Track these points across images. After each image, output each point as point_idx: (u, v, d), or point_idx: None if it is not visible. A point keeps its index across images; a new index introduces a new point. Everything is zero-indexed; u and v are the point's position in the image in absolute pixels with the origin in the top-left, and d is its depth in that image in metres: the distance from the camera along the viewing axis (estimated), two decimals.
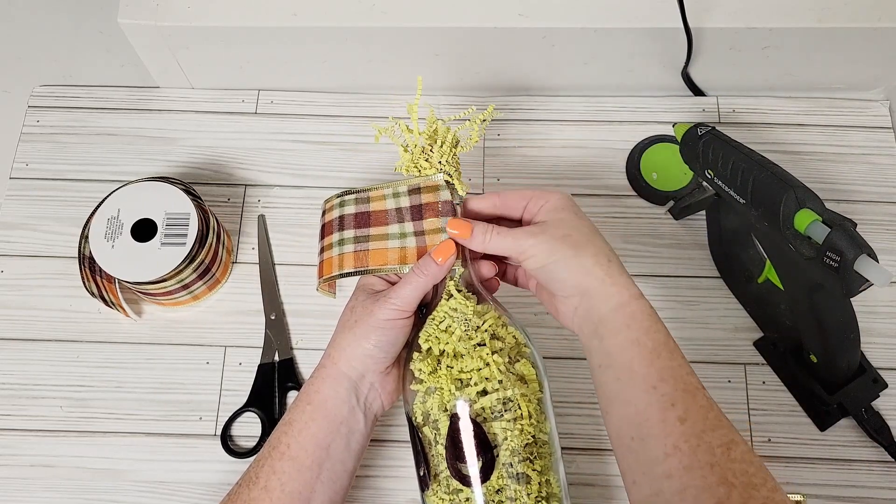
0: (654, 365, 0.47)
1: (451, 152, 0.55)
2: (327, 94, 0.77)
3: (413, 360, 0.51)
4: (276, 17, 0.68)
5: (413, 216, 0.54)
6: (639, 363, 0.47)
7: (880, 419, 0.63)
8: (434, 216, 0.53)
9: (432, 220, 0.53)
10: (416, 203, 0.54)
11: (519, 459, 0.49)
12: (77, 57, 0.75)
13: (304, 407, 0.53)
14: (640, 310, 0.49)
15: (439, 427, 0.50)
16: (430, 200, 0.54)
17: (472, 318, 0.51)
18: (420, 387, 0.51)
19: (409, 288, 0.51)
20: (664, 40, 0.70)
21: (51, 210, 0.72)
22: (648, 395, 0.46)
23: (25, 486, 0.62)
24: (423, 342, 0.51)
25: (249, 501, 0.50)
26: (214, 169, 0.74)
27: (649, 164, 0.72)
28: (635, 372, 0.47)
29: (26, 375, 0.66)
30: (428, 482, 0.51)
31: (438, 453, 0.50)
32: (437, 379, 0.50)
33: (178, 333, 0.67)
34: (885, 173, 0.73)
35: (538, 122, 0.76)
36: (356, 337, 0.52)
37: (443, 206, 0.53)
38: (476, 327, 0.51)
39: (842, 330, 0.57)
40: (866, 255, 0.48)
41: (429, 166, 0.55)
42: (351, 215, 0.56)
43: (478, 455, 0.49)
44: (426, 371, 0.50)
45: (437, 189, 0.54)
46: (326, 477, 0.51)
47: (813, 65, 0.73)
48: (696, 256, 0.70)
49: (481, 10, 0.68)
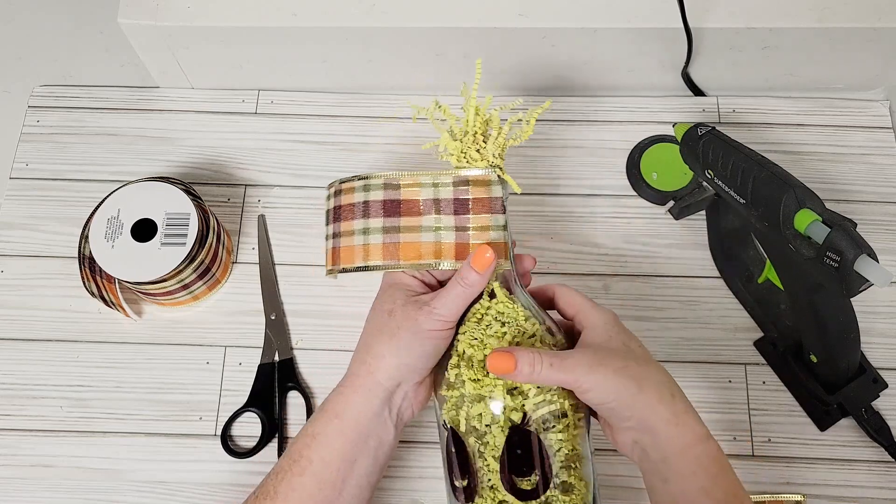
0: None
1: (504, 145, 0.51)
2: (327, 94, 0.77)
3: (453, 365, 0.48)
4: (276, 17, 0.68)
5: (456, 210, 0.50)
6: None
7: (880, 419, 0.63)
8: (486, 212, 0.50)
9: (483, 216, 0.50)
10: (463, 197, 0.50)
11: (565, 469, 0.47)
12: (77, 57, 0.75)
13: (330, 419, 0.50)
14: (707, 454, 0.46)
15: (489, 439, 0.47)
16: (479, 196, 0.50)
17: (522, 322, 0.49)
18: (454, 393, 0.48)
19: (452, 297, 0.49)
20: (664, 40, 0.70)
21: (51, 210, 0.72)
22: None
23: (25, 486, 0.62)
24: (467, 347, 0.48)
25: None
26: (214, 169, 0.74)
27: (649, 164, 0.72)
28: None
29: (26, 375, 0.66)
30: (472, 494, 0.48)
31: (487, 464, 0.48)
32: (491, 388, 0.47)
33: (178, 333, 0.67)
34: (885, 173, 0.73)
35: (538, 122, 0.75)
36: (399, 346, 0.49)
37: (493, 203, 0.50)
38: (525, 333, 0.49)
39: (842, 330, 0.57)
40: (866, 255, 0.48)
41: (480, 158, 0.51)
42: (378, 202, 0.52)
43: (537, 468, 0.47)
44: (473, 378, 0.47)
45: (488, 184, 0.50)
46: (349, 493, 0.49)
47: (813, 65, 0.73)
48: (696, 256, 0.70)
49: (481, 10, 0.68)
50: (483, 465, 0.48)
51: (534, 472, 0.47)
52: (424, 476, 0.62)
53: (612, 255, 0.70)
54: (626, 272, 0.69)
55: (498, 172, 0.51)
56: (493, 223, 0.50)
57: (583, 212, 0.72)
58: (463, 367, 0.48)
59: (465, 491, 0.48)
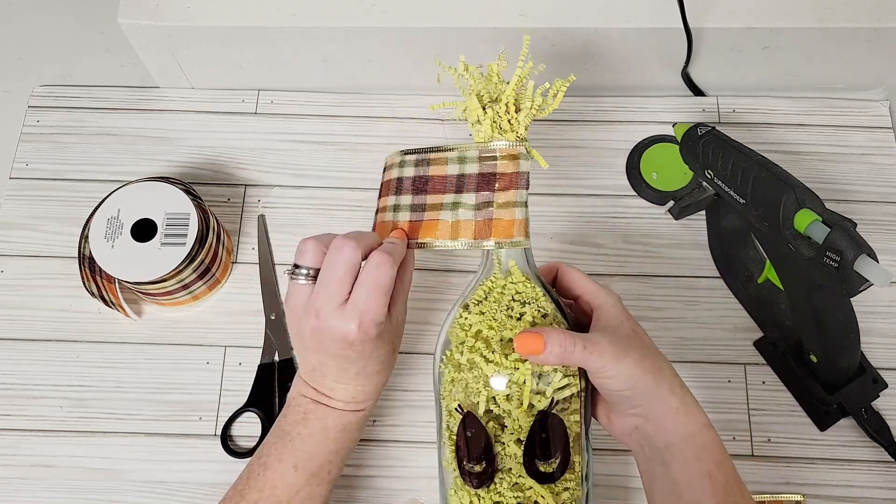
0: (727, 502, 0.46)
1: (533, 116, 0.48)
2: (327, 94, 0.77)
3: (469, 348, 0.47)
4: (276, 17, 0.68)
5: (479, 186, 0.48)
6: (708, 499, 0.46)
7: (880, 419, 0.63)
8: (513, 188, 0.47)
9: (510, 192, 0.47)
10: (489, 171, 0.48)
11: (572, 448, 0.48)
12: (77, 57, 0.75)
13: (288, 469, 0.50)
14: (712, 440, 0.47)
15: (509, 423, 0.47)
16: (507, 171, 0.47)
17: (542, 302, 0.48)
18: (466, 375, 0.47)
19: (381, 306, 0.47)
20: (664, 40, 0.70)
21: (51, 210, 0.72)
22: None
23: (25, 486, 0.62)
24: (486, 328, 0.47)
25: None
26: (214, 169, 0.74)
27: (649, 164, 0.72)
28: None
29: (26, 375, 0.66)
30: (488, 479, 0.47)
31: (505, 448, 0.47)
32: (512, 371, 0.45)
33: (178, 333, 0.67)
34: (885, 173, 0.73)
35: (538, 122, 0.76)
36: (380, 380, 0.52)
37: (520, 178, 0.47)
38: (544, 314, 0.47)
39: (842, 330, 0.57)
40: (866, 255, 0.48)
41: (510, 129, 0.48)
42: (409, 178, 0.51)
43: (560, 451, 0.47)
44: (494, 361, 0.46)
45: (517, 158, 0.47)
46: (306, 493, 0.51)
47: (813, 65, 0.73)
48: (696, 256, 0.70)
49: (481, 10, 0.68)
50: (501, 450, 0.47)
51: (555, 456, 0.47)
52: (424, 476, 0.62)
53: (611, 255, 0.70)
54: (626, 272, 0.69)
55: (525, 146, 0.48)
56: (518, 199, 0.48)
57: (583, 212, 0.72)
58: (481, 349, 0.46)
59: (480, 476, 0.47)
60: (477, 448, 0.47)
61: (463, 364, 0.47)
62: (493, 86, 0.50)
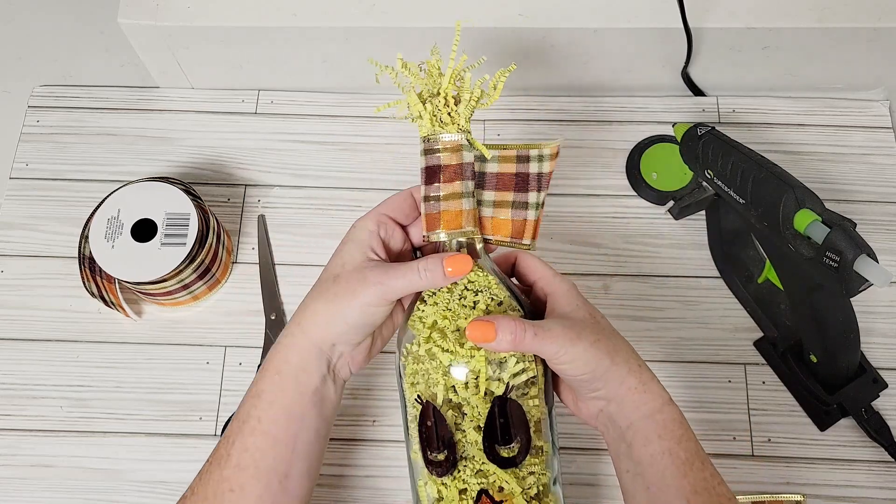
0: (688, 477, 0.46)
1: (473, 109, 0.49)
2: (327, 94, 0.77)
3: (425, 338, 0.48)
4: (276, 17, 0.68)
5: (427, 179, 0.49)
6: (672, 475, 0.46)
7: (880, 419, 0.63)
8: (458, 179, 0.48)
9: (455, 183, 0.48)
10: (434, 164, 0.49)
11: (535, 433, 0.48)
12: (77, 57, 0.75)
13: (272, 376, 0.49)
14: (672, 417, 0.48)
15: (467, 410, 0.47)
16: (450, 162, 0.48)
17: (495, 290, 0.49)
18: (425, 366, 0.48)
19: (403, 282, 0.48)
20: (664, 40, 0.70)
21: (51, 210, 0.72)
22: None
23: (25, 486, 0.62)
24: (440, 318, 0.48)
25: (222, 481, 0.47)
26: (214, 169, 0.74)
27: (649, 164, 0.72)
28: (668, 484, 0.46)
29: (26, 375, 0.66)
30: (450, 467, 0.47)
31: (465, 436, 0.48)
32: (467, 359, 0.46)
33: (178, 333, 0.67)
34: (885, 173, 0.73)
35: (538, 122, 0.76)
36: (332, 312, 0.49)
37: (465, 169, 0.48)
38: (497, 301, 0.48)
39: (842, 330, 0.57)
40: (866, 255, 0.48)
41: (450, 122, 0.49)
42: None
43: (520, 436, 0.47)
44: (448, 349, 0.47)
45: (459, 149, 0.48)
46: (302, 448, 0.49)
47: (813, 65, 0.73)
48: (696, 256, 0.70)
49: (481, 10, 0.68)
50: (462, 438, 0.48)
51: (515, 440, 0.47)
52: None
53: (611, 255, 0.70)
54: (626, 272, 0.69)
55: (468, 137, 0.49)
56: (464, 189, 0.49)
57: (583, 212, 0.72)
58: (436, 339, 0.47)
59: (443, 464, 0.48)
60: (437, 437, 0.48)
61: (421, 356, 0.48)
62: (433, 81, 0.50)
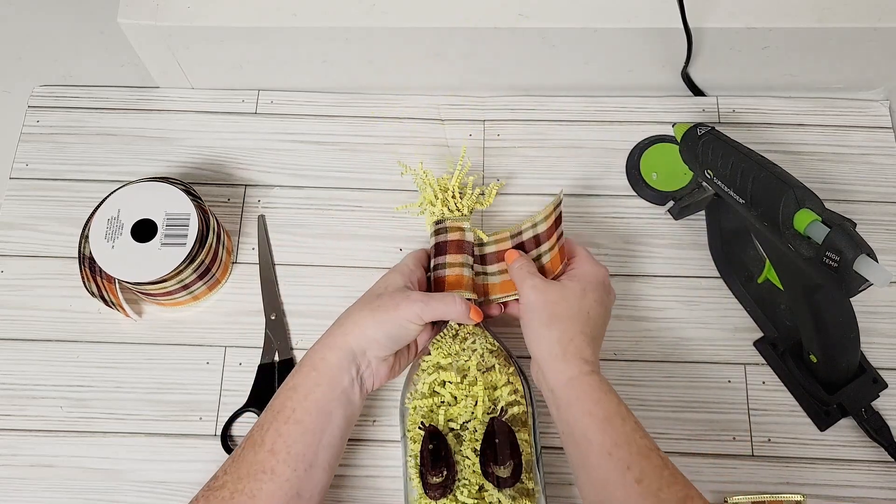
0: (608, 433, 0.51)
1: (473, 204, 0.66)
2: (327, 94, 0.77)
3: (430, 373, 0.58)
4: (276, 17, 0.68)
5: (437, 251, 0.63)
6: (593, 432, 0.51)
7: (880, 419, 0.63)
8: (460, 253, 0.62)
9: (458, 255, 0.62)
10: (442, 240, 0.63)
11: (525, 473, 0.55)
12: (77, 57, 0.75)
13: (308, 372, 0.55)
14: (590, 383, 0.53)
15: (465, 434, 0.56)
16: (455, 238, 0.63)
17: (490, 339, 0.60)
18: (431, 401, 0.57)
19: (442, 305, 0.56)
20: (664, 40, 0.70)
21: (51, 210, 0.72)
22: (606, 461, 0.50)
23: (25, 486, 0.62)
24: (442, 358, 0.58)
25: (255, 463, 0.52)
26: (214, 169, 0.74)
27: (649, 164, 0.72)
28: (591, 441, 0.51)
29: (26, 375, 0.66)
30: (448, 488, 0.54)
31: (464, 458, 0.55)
32: (468, 390, 0.56)
33: (178, 333, 0.67)
34: (885, 173, 0.73)
35: (538, 122, 0.76)
36: (373, 321, 0.56)
37: (466, 245, 0.63)
38: (491, 350, 0.59)
39: (842, 330, 0.57)
40: (866, 255, 0.48)
41: (455, 209, 0.65)
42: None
43: (514, 456, 0.54)
44: (456, 382, 0.57)
45: (462, 230, 0.63)
46: (327, 441, 0.54)
47: (813, 65, 0.73)
48: (696, 256, 0.70)
49: (481, 10, 0.68)
50: (461, 459, 0.55)
51: (510, 460, 0.53)
52: None
53: (611, 255, 0.70)
54: (626, 272, 0.69)
55: (468, 223, 0.64)
56: (465, 261, 0.62)
57: (582, 212, 0.72)
58: (441, 374, 0.57)
59: (441, 486, 0.54)
60: (438, 456, 0.54)
61: (425, 392, 0.57)
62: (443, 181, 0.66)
